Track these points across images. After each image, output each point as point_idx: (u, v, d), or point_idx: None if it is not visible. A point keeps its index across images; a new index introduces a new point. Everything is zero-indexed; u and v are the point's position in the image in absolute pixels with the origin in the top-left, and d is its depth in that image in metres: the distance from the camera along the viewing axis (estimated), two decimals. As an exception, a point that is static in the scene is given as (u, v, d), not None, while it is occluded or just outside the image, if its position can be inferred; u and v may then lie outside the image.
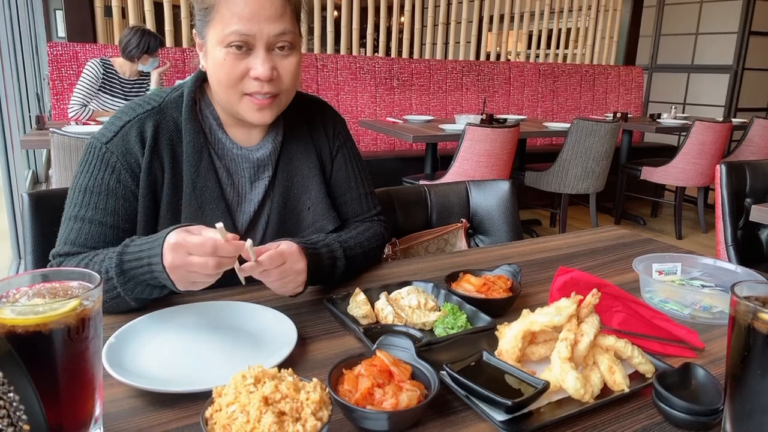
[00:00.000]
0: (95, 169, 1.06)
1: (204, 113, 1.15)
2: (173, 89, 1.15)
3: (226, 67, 1.03)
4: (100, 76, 3.64)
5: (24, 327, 0.58)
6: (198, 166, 1.10)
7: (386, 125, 4.11)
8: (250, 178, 1.17)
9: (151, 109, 1.11)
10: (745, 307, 0.62)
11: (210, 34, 1.04)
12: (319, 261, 1.06)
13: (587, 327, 0.80)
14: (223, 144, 1.15)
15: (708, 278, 1.14)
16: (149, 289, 0.95)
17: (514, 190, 1.70)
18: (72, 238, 1.04)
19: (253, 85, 1.04)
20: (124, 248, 0.95)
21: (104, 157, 1.06)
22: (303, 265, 0.99)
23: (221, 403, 0.61)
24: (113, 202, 1.05)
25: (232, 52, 1.02)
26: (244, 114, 1.08)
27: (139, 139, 1.08)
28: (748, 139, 4.85)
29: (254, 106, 1.07)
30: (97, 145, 1.07)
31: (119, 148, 1.07)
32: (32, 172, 5.06)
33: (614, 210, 5.08)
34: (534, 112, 5.76)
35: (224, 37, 1.01)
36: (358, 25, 5.19)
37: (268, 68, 1.03)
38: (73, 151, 2.52)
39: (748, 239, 2.16)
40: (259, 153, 1.17)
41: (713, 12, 6.15)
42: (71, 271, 0.66)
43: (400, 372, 0.71)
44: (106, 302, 0.95)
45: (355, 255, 1.16)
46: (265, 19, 1.01)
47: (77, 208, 1.05)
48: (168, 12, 4.41)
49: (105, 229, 1.04)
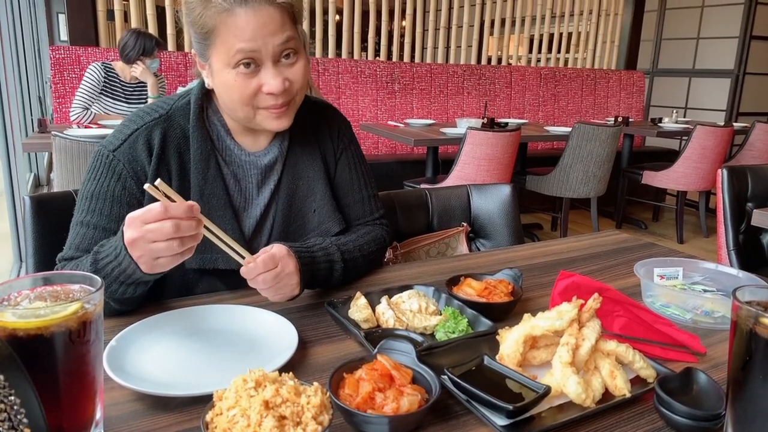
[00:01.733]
0: (101, 176, 1.07)
1: (211, 120, 1.15)
2: (180, 96, 1.16)
3: (237, 88, 1.03)
4: (101, 80, 3.65)
5: (25, 330, 0.58)
6: (206, 174, 1.11)
7: (387, 129, 4.12)
8: (258, 183, 1.18)
9: (159, 117, 1.11)
10: (747, 311, 0.62)
11: (214, 57, 1.04)
12: (313, 263, 1.06)
13: (588, 331, 0.80)
14: (231, 150, 1.16)
15: (710, 283, 1.14)
16: (122, 287, 0.93)
17: (516, 194, 1.70)
18: (77, 243, 1.05)
19: (267, 100, 1.05)
20: (99, 247, 0.95)
21: (111, 165, 1.07)
22: (293, 267, 0.99)
23: (222, 407, 0.61)
24: (118, 209, 1.06)
25: (241, 72, 1.02)
26: (262, 124, 1.09)
27: (146, 147, 1.08)
28: (749, 144, 4.84)
29: (272, 115, 1.07)
30: (105, 153, 1.08)
31: (126, 156, 1.07)
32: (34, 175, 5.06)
33: (615, 214, 5.07)
34: (535, 116, 5.76)
35: (230, 59, 1.01)
36: (360, 29, 5.20)
37: (279, 81, 1.03)
38: (74, 154, 2.52)
39: (749, 244, 2.16)
40: (267, 158, 1.18)
41: (714, 16, 6.16)
42: (73, 274, 0.66)
43: (401, 376, 0.71)
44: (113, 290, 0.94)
45: (354, 258, 1.16)
46: (267, 34, 1.00)
47: (84, 213, 1.06)
48: (170, 16, 4.43)
49: (110, 235, 1.04)
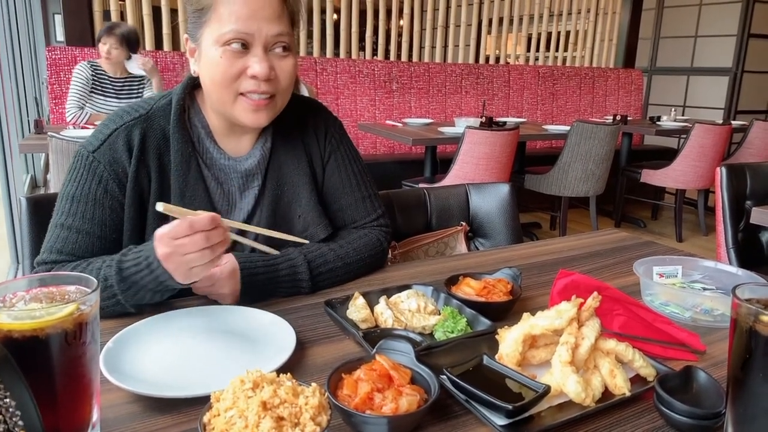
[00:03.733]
0: (82, 178, 1.05)
1: (192, 122, 1.14)
2: (162, 96, 1.14)
3: (222, 65, 1.01)
4: (89, 78, 3.65)
5: (21, 332, 0.57)
6: (186, 176, 1.09)
7: (386, 128, 4.11)
8: (240, 187, 1.16)
9: (138, 117, 1.09)
10: (746, 309, 0.62)
11: (205, 34, 1.03)
12: (270, 281, 1.04)
13: (588, 330, 0.79)
14: (211, 154, 1.14)
15: (709, 281, 1.14)
16: (150, 294, 0.94)
17: (514, 193, 1.70)
18: (58, 247, 1.03)
19: (249, 84, 1.03)
20: (122, 256, 0.95)
21: (91, 167, 1.05)
22: (228, 290, 1.00)
23: (219, 408, 0.61)
24: (100, 213, 1.04)
25: (229, 51, 1.01)
26: (238, 115, 1.06)
27: (126, 148, 1.06)
28: (748, 142, 4.85)
29: (250, 106, 1.05)
30: (84, 154, 1.06)
31: (106, 157, 1.06)
32: (31, 177, 5.05)
33: (614, 213, 5.08)
34: (533, 114, 5.76)
35: (221, 36, 1.00)
36: (357, 29, 5.20)
37: (266, 66, 1.02)
38: (71, 155, 2.50)
39: (748, 242, 2.16)
40: (248, 163, 1.16)
41: (712, 14, 6.16)
42: (68, 275, 0.66)
43: (399, 376, 0.71)
44: (103, 309, 0.94)
45: (332, 269, 1.12)
46: (263, 19, 1.00)
47: (64, 216, 1.04)
48: (165, 16, 4.42)
49: (92, 239, 1.03)
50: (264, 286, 1.04)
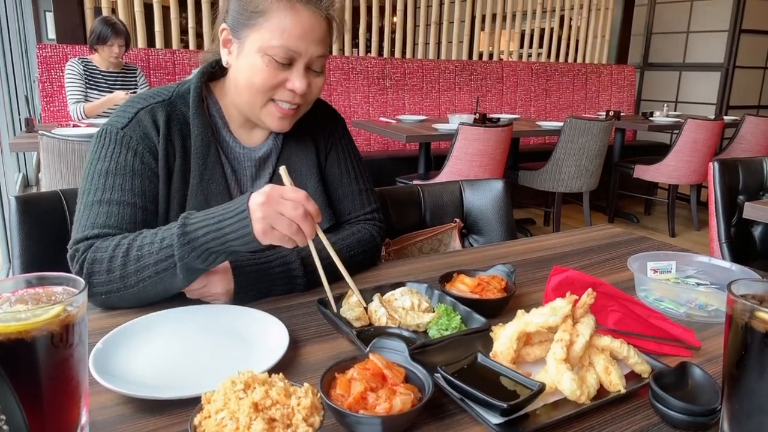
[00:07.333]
0: (115, 152, 1.05)
1: (210, 111, 1.17)
2: (180, 84, 1.17)
3: (264, 73, 1.06)
4: (82, 73, 3.63)
5: (5, 335, 0.56)
6: (206, 159, 1.12)
7: (379, 125, 4.10)
8: (252, 176, 1.21)
9: (162, 101, 1.12)
10: (742, 305, 0.61)
11: (251, 36, 1.06)
12: (263, 278, 1.04)
13: (583, 327, 0.79)
14: (227, 142, 1.18)
15: (703, 276, 1.14)
16: (205, 255, 0.91)
17: (508, 189, 1.69)
18: (101, 222, 1.01)
19: (285, 95, 1.09)
20: (187, 216, 0.94)
21: (123, 141, 1.06)
22: (222, 290, 0.99)
23: (210, 410, 0.60)
24: (139, 183, 1.05)
25: (274, 62, 1.05)
26: (264, 119, 1.12)
27: (153, 126, 1.09)
28: (740, 137, 4.87)
29: (277, 113, 1.10)
30: (113, 131, 1.07)
31: (137, 132, 1.08)
32: (22, 176, 5.01)
33: (608, 208, 5.09)
34: (527, 111, 5.76)
35: (270, 47, 1.04)
36: (351, 25, 5.19)
37: (305, 84, 1.07)
38: (62, 153, 2.50)
39: (741, 236, 2.17)
40: (261, 152, 1.21)
41: (704, 10, 6.18)
42: (56, 276, 0.64)
43: (393, 375, 0.70)
44: (145, 280, 0.93)
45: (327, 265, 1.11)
46: (312, 41, 1.05)
47: (100, 192, 1.03)
48: (158, 13, 4.38)
49: (134, 209, 1.03)
50: (258, 283, 1.03)
